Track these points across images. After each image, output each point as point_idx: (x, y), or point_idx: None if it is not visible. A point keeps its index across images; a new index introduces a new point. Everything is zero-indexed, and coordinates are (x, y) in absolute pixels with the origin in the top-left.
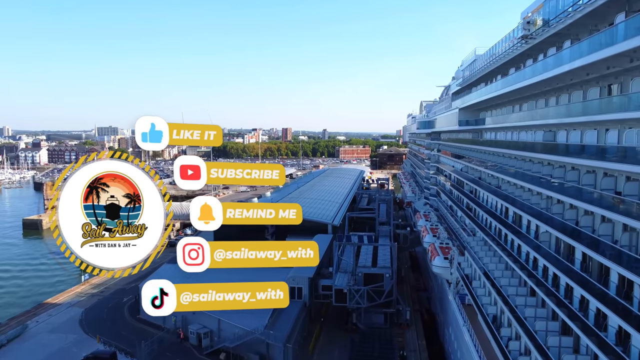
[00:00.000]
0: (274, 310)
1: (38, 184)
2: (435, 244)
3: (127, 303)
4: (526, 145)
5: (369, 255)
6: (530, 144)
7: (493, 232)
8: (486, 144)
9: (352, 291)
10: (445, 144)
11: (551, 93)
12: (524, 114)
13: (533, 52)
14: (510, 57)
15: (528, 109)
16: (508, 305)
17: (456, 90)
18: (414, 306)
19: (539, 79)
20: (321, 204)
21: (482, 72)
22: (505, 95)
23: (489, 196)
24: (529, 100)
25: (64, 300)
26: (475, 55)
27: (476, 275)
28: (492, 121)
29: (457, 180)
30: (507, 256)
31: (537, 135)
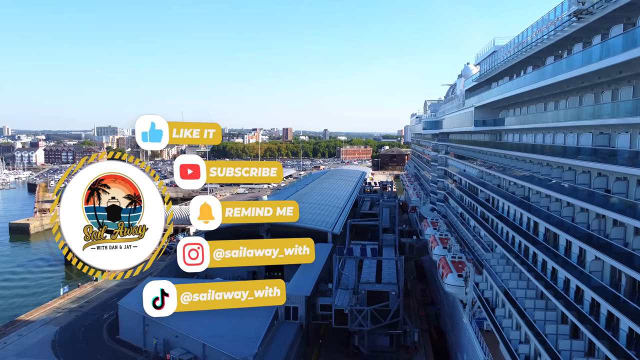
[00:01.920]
0: (266, 334)
1: (32, 185)
2: (447, 258)
3: (107, 320)
4: (570, 150)
5: (373, 269)
6: (573, 150)
7: (517, 248)
8: (518, 148)
9: (354, 312)
10: (455, 146)
11: (603, 86)
12: (565, 112)
13: (585, 34)
14: (550, 43)
15: (569, 106)
16: (545, 345)
17: (471, 87)
18: (422, 324)
19: (598, 67)
20: (320, 209)
21: (506, 64)
22: (537, 90)
23: (512, 207)
24: (569, 96)
25: (38, 317)
26: (494, 46)
27: (499, 300)
28: (518, 121)
29: (469, 186)
30: (535, 278)
31: (584, 139)
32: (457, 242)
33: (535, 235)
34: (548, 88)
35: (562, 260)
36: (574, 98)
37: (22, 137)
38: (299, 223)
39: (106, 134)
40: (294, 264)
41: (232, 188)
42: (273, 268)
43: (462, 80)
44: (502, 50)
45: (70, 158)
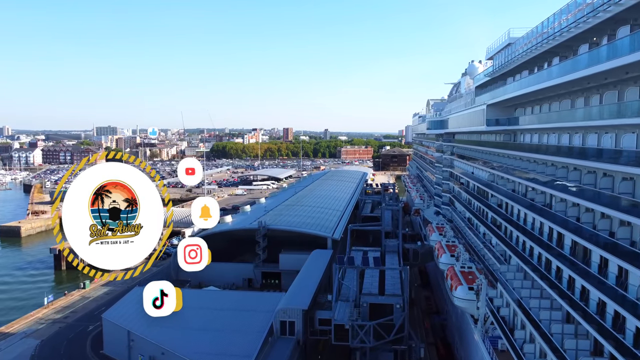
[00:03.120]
0: (259, 351)
1: (28, 186)
2: (456, 268)
3: (92, 333)
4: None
5: (375, 279)
6: (611, 153)
7: (536, 261)
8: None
9: (356, 327)
10: (462, 147)
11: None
12: (601, 109)
13: (633, 14)
14: (584, 28)
15: (606, 101)
16: None
17: (482, 83)
18: (427, 337)
19: None
20: (320, 213)
21: (527, 56)
22: (565, 85)
23: (530, 215)
24: (605, 91)
25: (19, 329)
26: (509, 38)
27: (517, 320)
28: (538, 120)
29: (477, 189)
30: (560, 296)
31: (627, 140)
32: (466, 249)
33: (559, 247)
34: (579, 82)
35: (595, 279)
36: (611, 92)
37: (21, 137)
38: (297, 228)
39: (105, 134)
40: (291, 271)
41: (231, 189)
42: (269, 275)
43: (467, 78)
44: (519, 41)
45: (68, 158)
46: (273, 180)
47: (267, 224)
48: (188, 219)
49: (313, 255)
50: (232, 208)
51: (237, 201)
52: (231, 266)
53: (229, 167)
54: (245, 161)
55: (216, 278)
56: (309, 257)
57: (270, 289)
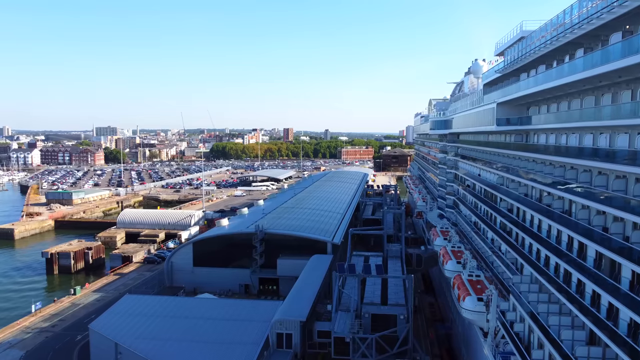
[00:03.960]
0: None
1: (25, 187)
2: (463, 276)
3: (79, 343)
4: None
5: (377, 286)
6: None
7: (552, 271)
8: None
9: (357, 340)
10: (468, 148)
11: None
12: (634, 105)
13: None
14: (616, 15)
15: (633, 98)
16: None
17: (491, 80)
18: (432, 349)
19: None
20: (320, 216)
21: (546, 49)
22: (591, 79)
23: (545, 222)
24: (638, 86)
25: (4, 339)
26: (521, 32)
27: (533, 337)
28: (556, 119)
29: (485, 192)
30: (581, 312)
31: None
32: (473, 256)
33: (582, 259)
34: (609, 75)
35: (628, 298)
36: None
37: (21, 137)
38: (296, 232)
39: (105, 134)
40: (289, 277)
41: (230, 190)
42: (267, 281)
43: (471, 77)
44: (534, 34)
45: (67, 159)
46: (273, 181)
47: (265, 228)
48: (185, 221)
49: (312, 261)
50: (230, 210)
51: (236, 202)
52: (227, 272)
53: (229, 168)
54: (245, 162)
55: (212, 284)
56: (308, 262)
57: (268, 295)
